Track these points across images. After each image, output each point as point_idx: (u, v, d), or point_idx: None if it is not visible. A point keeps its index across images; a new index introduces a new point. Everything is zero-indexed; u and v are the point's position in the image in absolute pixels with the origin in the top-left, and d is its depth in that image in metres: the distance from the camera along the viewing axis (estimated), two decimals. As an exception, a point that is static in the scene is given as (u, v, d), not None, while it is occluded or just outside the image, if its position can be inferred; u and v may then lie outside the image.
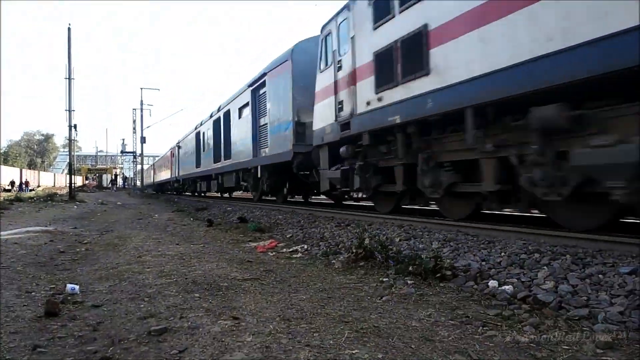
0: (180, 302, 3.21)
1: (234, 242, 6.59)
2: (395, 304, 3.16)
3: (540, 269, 3.50)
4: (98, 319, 2.87)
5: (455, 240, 4.93)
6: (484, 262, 3.97)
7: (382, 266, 4.23)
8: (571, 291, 3.03)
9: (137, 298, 3.36)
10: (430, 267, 3.74)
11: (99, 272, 4.42)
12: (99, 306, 3.18)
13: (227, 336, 2.49)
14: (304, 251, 5.63)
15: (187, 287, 3.68)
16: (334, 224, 7.34)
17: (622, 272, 3.11)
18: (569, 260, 3.56)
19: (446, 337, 2.46)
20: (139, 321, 2.80)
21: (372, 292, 3.51)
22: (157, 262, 4.84)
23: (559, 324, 2.60)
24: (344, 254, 4.95)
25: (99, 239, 7.22)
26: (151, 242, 6.59)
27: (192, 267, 4.52)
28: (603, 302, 2.81)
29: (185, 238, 7.19)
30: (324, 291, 3.55)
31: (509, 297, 3.12)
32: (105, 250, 5.95)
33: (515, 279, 3.44)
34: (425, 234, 5.56)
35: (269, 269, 4.45)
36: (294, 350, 2.26)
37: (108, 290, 3.65)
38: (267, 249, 5.83)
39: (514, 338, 2.41)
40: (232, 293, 3.48)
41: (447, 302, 3.14)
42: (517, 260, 3.81)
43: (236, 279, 3.98)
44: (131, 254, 5.46)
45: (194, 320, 2.78)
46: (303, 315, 2.87)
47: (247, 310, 2.99)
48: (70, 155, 25.16)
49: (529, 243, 4.33)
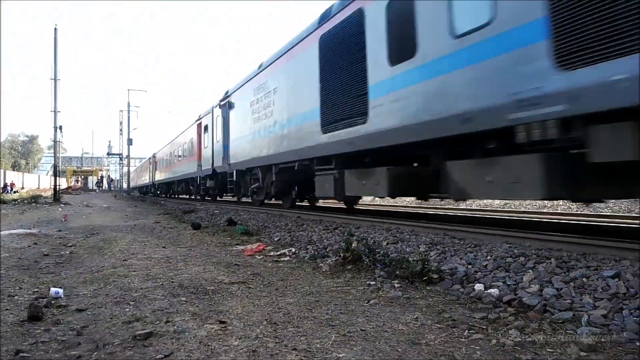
0: (166, 306, 3.18)
1: (221, 245, 6.56)
2: (382, 307, 3.17)
3: (526, 273, 3.54)
4: (82, 323, 2.83)
5: (442, 244, 4.96)
6: (471, 265, 4.00)
7: (370, 269, 4.24)
8: (556, 294, 3.07)
9: (122, 302, 3.32)
10: (417, 271, 3.76)
11: (84, 275, 4.37)
12: (84, 310, 3.13)
13: (214, 340, 2.47)
14: (292, 254, 5.62)
15: (174, 290, 3.65)
16: (322, 227, 7.34)
17: (606, 276, 3.15)
18: (554, 263, 3.60)
19: (432, 340, 2.47)
20: (124, 325, 2.77)
21: (360, 295, 3.52)
22: (143, 266, 4.79)
23: (543, 327, 2.63)
24: (332, 258, 4.96)
25: (84, 241, 7.13)
26: (137, 245, 6.53)
27: (178, 271, 4.49)
28: (587, 305, 2.85)
29: (172, 241, 7.14)
30: (311, 295, 3.54)
31: (494, 301, 3.15)
32: (90, 253, 5.88)
33: (501, 282, 3.48)
34: (412, 237, 5.58)
35: (256, 272, 4.44)
36: (281, 354, 2.26)
37: (93, 294, 3.61)
38: (254, 253, 5.80)
39: (499, 341, 2.43)
40: (218, 297, 3.46)
41: (434, 306, 3.16)
42: (503, 264, 3.85)
43: (223, 282, 3.96)
44: (117, 257, 5.40)
45: (180, 324, 2.76)
46: (290, 319, 2.86)
47: (234, 314, 2.98)
48: (55, 157, 24.87)
49: (514, 246, 4.38)
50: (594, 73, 3.80)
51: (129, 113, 47.29)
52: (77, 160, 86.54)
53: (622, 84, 3.57)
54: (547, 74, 4.18)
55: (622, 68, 3.59)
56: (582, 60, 3.89)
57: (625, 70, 3.56)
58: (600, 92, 3.75)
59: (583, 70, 3.89)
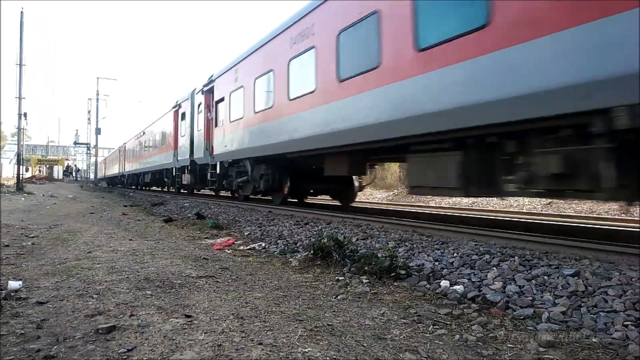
0: (131, 300, 3.12)
1: (190, 239, 6.48)
2: (349, 302, 3.19)
3: (490, 270, 3.62)
4: (42, 316, 2.75)
5: (411, 241, 5.02)
6: (437, 262, 4.06)
7: (339, 265, 4.26)
8: (518, 291, 3.15)
9: (85, 295, 3.25)
10: (386, 267, 3.80)
11: (46, 267, 4.24)
12: (44, 303, 3.05)
13: (179, 334, 2.44)
14: (262, 249, 5.60)
15: (139, 284, 3.59)
16: (292, 222, 7.34)
17: (566, 274, 3.25)
18: (517, 261, 3.69)
19: (398, 335, 2.51)
20: (86, 319, 2.71)
21: (328, 290, 3.53)
22: (108, 258, 4.69)
23: (505, 323, 2.69)
24: (302, 253, 4.96)
25: (47, 233, 6.93)
26: (103, 237, 6.38)
27: (145, 264, 4.41)
28: (547, 302, 2.94)
29: (139, 234, 7.01)
30: (279, 289, 3.54)
31: (459, 297, 3.22)
32: (53, 244, 5.72)
33: (466, 279, 3.55)
34: (382, 234, 5.64)
35: (225, 266, 4.40)
36: (247, 349, 2.25)
37: (54, 286, 3.51)
38: (224, 247, 5.76)
39: (462, 336, 2.49)
40: (185, 290, 3.42)
41: (400, 301, 3.20)
42: (469, 261, 3.93)
43: (190, 276, 3.91)
44: (81, 249, 5.27)
45: (144, 318, 2.72)
46: (257, 314, 2.85)
47: (200, 308, 2.95)
48: (19, 145, 24.05)
49: (480, 244, 4.47)
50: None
51: (97, 102, 46.19)
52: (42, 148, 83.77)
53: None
54: None
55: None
56: None
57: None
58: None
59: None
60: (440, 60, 5.28)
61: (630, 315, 2.61)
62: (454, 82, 5.09)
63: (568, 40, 3.95)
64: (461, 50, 5.00)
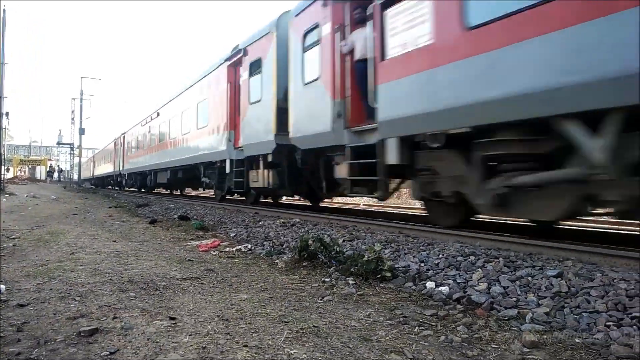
0: (114, 302, 3.08)
1: (175, 240, 6.42)
2: (335, 304, 3.18)
3: (475, 271, 3.64)
4: (23, 319, 2.70)
5: (397, 242, 5.04)
6: (423, 263, 4.08)
7: (325, 266, 4.25)
8: (502, 292, 3.18)
9: (67, 297, 3.19)
10: (372, 268, 3.80)
11: (27, 269, 4.17)
12: (25, 305, 2.99)
13: (163, 337, 2.41)
14: (248, 250, 5.57)
15: (123, 286, 3.54)
16: (279, 224, 7.31)
17: (549, 275, 3.28)
18: (502, 262, 3.72)
19: (384, 336, 2.51)
20: (68, 321, 2.66)
21: (314, 292, 3.52)
22: (92, 260, 4.62)
23: (490, 324, 2.71)
24: (288, 254, 4.95)
25: (29, 234, 6.81)
26: (86, 239, 6.29)
27: (129, 265, 4.36)
28: (531, 303, 2.97)
29: (124, 235, 6.93)
30: (265, 291, 3.52)
31: (444, 298, 3.23)
32: (35, 246, 5.62)
33: (451, 280, 3.57)
34: (368, 235, 5.64)
35: (210, 268, 4.37)
36: (232, 351, 2.23)
37: (36, 288, 3.45)
38: (209, 248, 5.71)
39: (447, 337, 2.49)
40: (170, 292, 3.39)
41: (386, 303, 3.20)
42: (454, 262, 3.95)
43: (175, 278, 3.87)
44: (63, 251, 5.19)
45: (128, 320, 2.68)
46: (243, 316, 2.83)
47: (184, 310, 2.92)
48: (0, 145, 23.64)
49: (465, 246, 4.50)
50: None
51: (81, 101, 45.42)
52: (24, 149, 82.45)
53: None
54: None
55: None
56: None
57: None
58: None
59: None
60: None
61: (613, 315, 2.65)
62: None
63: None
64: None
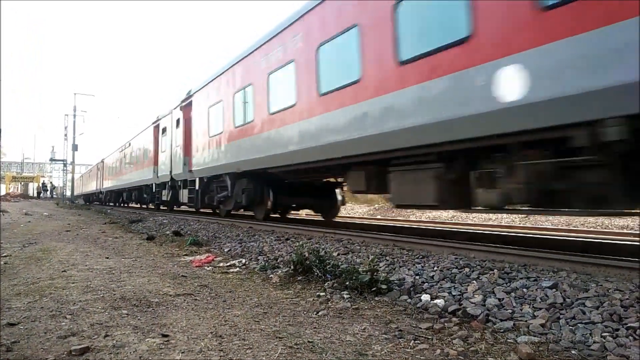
0: (106, 320, 3.04)
1: (168, 256, 6.36)
2: (331, 318, 3.16)
3: (470, 283, 3.63)
4: (13, 338, 2.65)
5: (391, 255, 5.02)
6: (418, 276, 4.06)
7: (320, 281, 4.23)
8: (497, 304, 3.17)
9: (58, 315, 3.15)
10: (367, 281, 3.78)
11: (18, 287, 4.11)
12: (15, 324, 2.94)
13: (155, 355, 2.38)
14: (242, 265, 5.53)
15: (115, 303, 3.50)
16: (273, 238, 7.28)
17: (544, 286, 3.28)
18: (497, 274, 3.72)
19: (379, 351, 2.48)
20: (59, 340, 2.62)
21: (309, 306, 3.49)
22: (84, 277, 4.57)
23: (485, 336, 2.69)
24: (282, 269, 4.91)
25: (21, 252, 6.73)
26: (78, 256, 6.23)
27: (121, 282, 4.31)
28: (526, 315, 2.96)
29: (117, 251, 6.86)
30: (259, 306, 3.49)
31: (440, 311, 3.22)
32: (26, 264, 5.55)
33: (446, 292, 3.55)
34: (362, 248, 5.63)
35: (204, 284, 4.33)
36: (225, 368, 2.20)
37: (27, 307, 3.40)
38: (203, 264, 5.66)
39: (443, 350, 2.47)
40: (163, 309, 3.34)
41: (382, 316, 3.18)
42: (449, 275, 3.94)
43: (168, 294, 3.83)
44: (55, 268, 5.12)
45: (119, 338, 2.64)
46: (237, 332, 2.80)
47: (178, 327, 2.88)
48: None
49: (460, 258, 4.50)
50: None
51: (74, 117, 45.24)
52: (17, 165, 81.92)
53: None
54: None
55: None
56: None
57: None
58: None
59: None
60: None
61: (608, 326, 2.64)
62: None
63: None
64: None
